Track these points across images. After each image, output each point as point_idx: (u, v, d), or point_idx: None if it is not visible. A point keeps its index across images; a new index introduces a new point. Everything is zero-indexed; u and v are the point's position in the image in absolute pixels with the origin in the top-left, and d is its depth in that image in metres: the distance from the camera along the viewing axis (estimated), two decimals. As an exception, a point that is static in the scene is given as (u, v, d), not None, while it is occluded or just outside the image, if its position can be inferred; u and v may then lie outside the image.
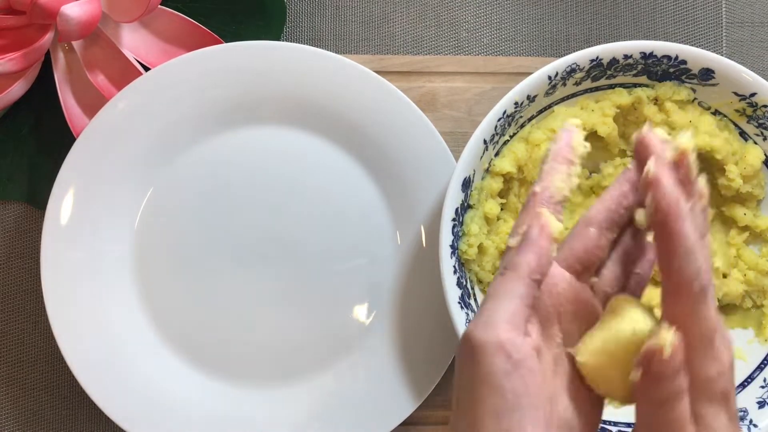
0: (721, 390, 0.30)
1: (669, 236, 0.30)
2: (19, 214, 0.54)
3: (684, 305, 0.30)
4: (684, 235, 0.29)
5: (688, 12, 0.56)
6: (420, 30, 0.55)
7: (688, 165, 0.31)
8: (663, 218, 0.29)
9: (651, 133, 0.31)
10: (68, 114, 0.51)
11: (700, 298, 0.30)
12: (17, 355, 0.53)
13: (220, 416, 0.50)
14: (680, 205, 0.29)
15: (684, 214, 0.29)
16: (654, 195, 0.30)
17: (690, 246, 0.29)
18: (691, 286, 0.30)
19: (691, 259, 0.29)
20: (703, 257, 0.30)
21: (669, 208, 0.29)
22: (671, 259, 0.30)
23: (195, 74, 0.50)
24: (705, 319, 0.30)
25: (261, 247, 0.52)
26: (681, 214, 0.29)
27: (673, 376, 0.29)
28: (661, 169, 0.30)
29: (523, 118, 0.48)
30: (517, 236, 0.33)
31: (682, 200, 0.30)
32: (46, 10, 0.46)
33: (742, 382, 0.49)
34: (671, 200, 0.29)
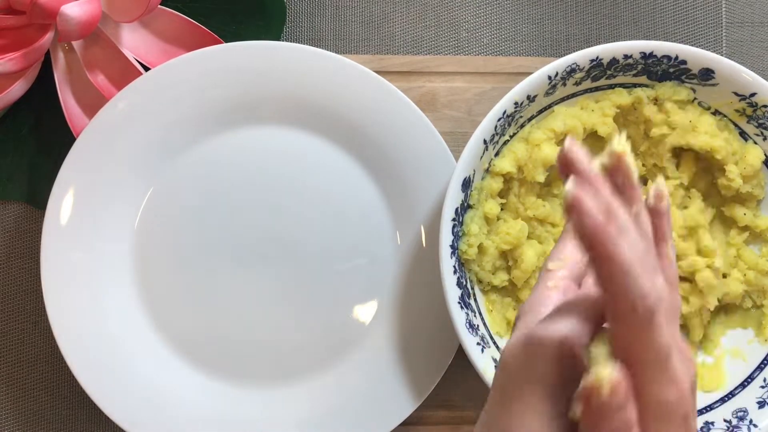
0: (680, 414, 0.29)
1: (601, 260, 0.28)
2: (19, 214, 0.54)
3: (629, 331, 0.28)
4: (618, 258, 0.27)
5: (688, 12, 0.56)
6: (420, 30, 0.55)
7: (625, 169, 0.30)
8: (590, 243, 0.28)
9: (573, 147, 0.29)
10: (68, 114, 0.51)
11: (645, 322, 0.28)
12: (17, 355, 0.53)
13: (220, 416, 0.50)
14: (607, 227, 0.27)
15: (612, 236, 0.27)
16: (575, 220, 0.27)
17: (626, 269, 0.27)
18: (633, 311, 0.28)
19: (630, 282, 0.27)
20: (647, 278, 0.28)
21: (594, 232, 0.27)
22: (609, 284, 0.28)
23: (195, 74, 0.50)
24: (654, 343, 0.28)
25: (261, 247, 0.52)
26: (609, 237, 0.27)
27: (617, 410, 0.28)
28: (579, 190, 0.28)
29: (523, 118, 0.48)
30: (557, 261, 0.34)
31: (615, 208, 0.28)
32: (46, 10, 0.46)
33: (742, 382, 0.49)
34: (595, 223, 0.27)
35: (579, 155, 0.29)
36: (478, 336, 0.46)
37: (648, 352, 0.28)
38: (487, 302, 0.49)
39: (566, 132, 0.49)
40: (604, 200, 0.28)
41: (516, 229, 0.48)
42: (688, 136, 0.49)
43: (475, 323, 0.47)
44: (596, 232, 0.27)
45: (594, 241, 0.27)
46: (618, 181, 0.30)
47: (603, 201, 0.28)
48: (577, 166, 0.29)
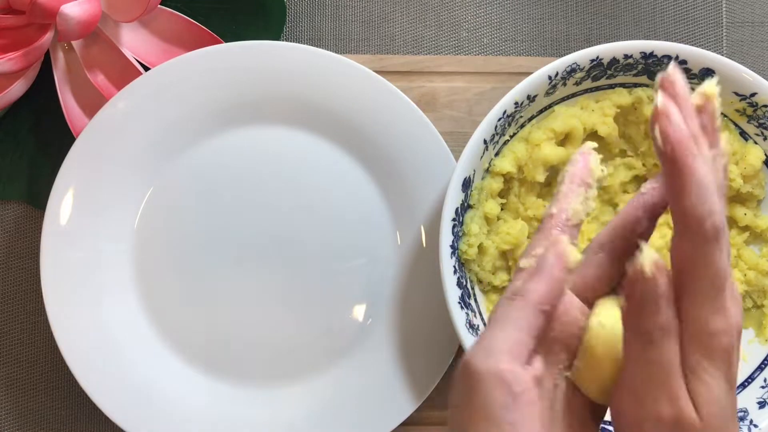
0: (724, 347, 0.28)
1: (679, 171, 0.27)
2: (18, 214, 0.54)
3: (694, 247, 0.28)
4: (696, 171, 0.27)
5: (689, 12, 0.56)
6: (420, 30, 0.55)
7: (711, 111, 0.30)
8: (672, 151, 0.27)
9: (677, 72, 0.29)
10: (68, 114, 0.51)
11: (713, 240, 0.28)
12: (17, 355, 0.53)
13: (220, 416, 0.50)
14: (691, 141, 0.27)
15: (694, 151, 0.27)
16: (660, 127, 0.28)
17: (703, 182, 0.27)
18: (702, 224, 0.28)
19: (704, 197, 0.27)
20: (718, 201, 0.28)
21: (678, 140, 0.27)
22: (682, 197, 0.28)
23: (195, 74, 0.50)
24: (716, 264, 0.28)
25: (261, 247, 0.52)
26: (691, 149, 0.27)
27: (658, 301, 0.28)
28: (668, 102, 0.28)
29: (524, 117, 0.48)
30: (530, 258, 0.32)
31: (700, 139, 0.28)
32: (46, 10, 0.46)
33: (743, 383, 0.49)
34: (680, 133, 0.27)
35: (680, 80, 0.29)
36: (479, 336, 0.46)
37: (707, 271, 0.28)
38: (487, 302, 0.49)
39: (567, 132, 0.49)
40: (693, 127, 0.29)
41: (516, 229, 0.48)
42: (688, 136, 0.48)
43: (475, 323, 0.47)
44: (680, 143, 0.27)
45: (677, 151, 0.27)
46: (703, 121, 0.30)
47: (692, 127, 0.28)
48: (677, 87, 0.29)
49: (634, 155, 0.51)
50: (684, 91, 0.29)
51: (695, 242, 0.28)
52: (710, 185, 0.28)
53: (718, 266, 0.28)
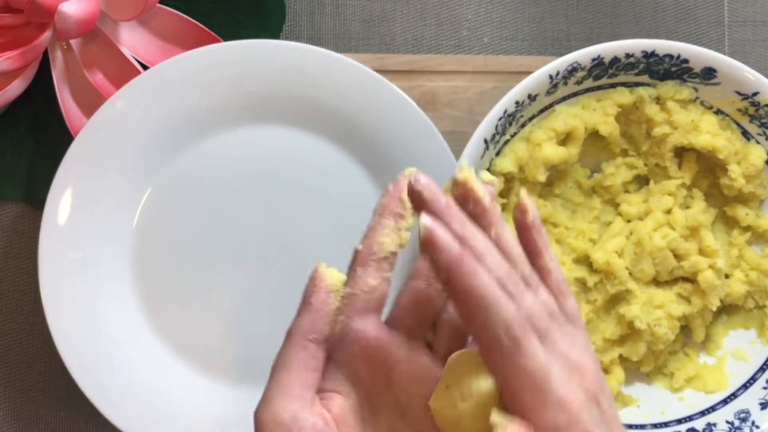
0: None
1: (458, 295, 0.27)
2: (16, 215, 0.53)
3: (500, 362, 0.28)
4: (476, 292, 0.27)
5: (690, 11, 0.55)
6: (420, 29, 0.55)
7: (474, 195, 0.29)
8: (447, 279, 0.27)
9: (420, 180, 0.29)
10: (66, 113, 0.51)
11: (514, 350, 0.27)
12: (15, 356, 0.53)
13: (220, 417, 0.50)
14: (462, 259, 0.27)
15: (468, 268, 0.27)
16: (431, 257, 0.27)
17: (486, 303, 0.27)
18: (499, 341, 0.27)
19: (491, 316, 0.27)
20: (509, 300, 0.27)
21: (449, 266, 0.27)
22: (470, 320, 0.27)
23: (194, 73, 0.50)
24: (527, 369, 0.27)
25: (260, 248, 0.51)
26: (466, 270, 0.27)
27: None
28: (433, 225, 0.27)
29: (524, 117, 0.48)
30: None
31: (476, 240, 0.28)
32: (44, 8, 0.46)
33: (745, 383, 0.49)
34: (450, 257, 0.27)
35: (428, 188, 0.29)
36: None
37: (522, 379, 0.27)
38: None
39: (568, 131, 0.48)
40: (458, 230, 0.28)
41: (517, 229, 0.48)
42: (690, 135, 0.48)
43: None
44: (451, 266, 0.27)
45: (451, 275, 0.27)
46: (470, 209, 0.30)
47: (457, 231, 0.28)
48: (427, 200, 0.29)
49: (635, 155, 0.51)
50: (437, 199, 0.29)
51: (499, 358, 0.27)
52: (495, 298, 0.27)
53: (532, 368, 0.27)
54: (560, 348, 0.29)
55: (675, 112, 0.49)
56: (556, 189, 0.51)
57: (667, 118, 0.49)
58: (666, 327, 0.47)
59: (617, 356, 0.49)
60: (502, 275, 0.28)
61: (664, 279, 0.49)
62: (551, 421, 0.28)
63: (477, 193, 0.30)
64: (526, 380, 0.28)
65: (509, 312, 0.27)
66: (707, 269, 0.48)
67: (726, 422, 0.47)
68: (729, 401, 0.48)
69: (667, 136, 0.49)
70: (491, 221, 0.30)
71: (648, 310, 0.48)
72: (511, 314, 0.27)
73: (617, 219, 0.50)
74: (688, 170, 0.50)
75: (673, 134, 0.49)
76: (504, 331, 0.27)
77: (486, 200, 0.30)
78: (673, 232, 0.48)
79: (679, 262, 0.48)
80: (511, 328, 0.27)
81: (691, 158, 0.50)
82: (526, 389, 0.28)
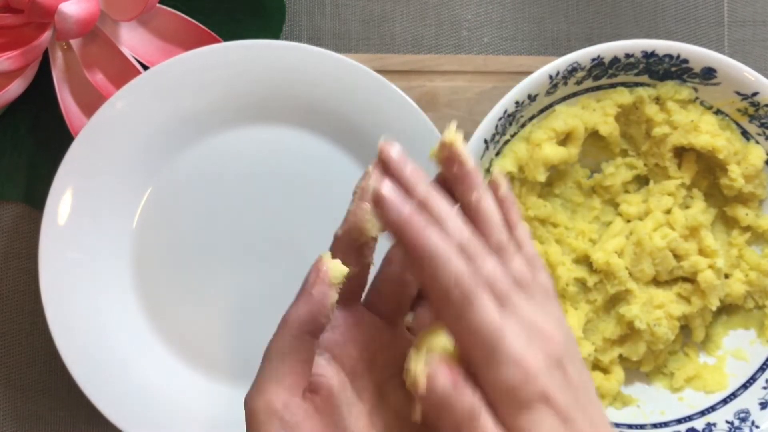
0: (535, 393, 0.27)
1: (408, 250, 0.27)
2: (16, 215, 0.53)
3: (450, 318, 0.27)
4: (423, 247, 0.27)
5: (690, 11, 0.55)
6: (420, 29, 0.55)
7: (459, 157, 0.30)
8: (396, 236, 0.28)
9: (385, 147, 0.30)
10: (66, 113, 0.51)
11: (465, 306, 0.27)
12: (15, 356, 0.53)
13: (220, 417, 0.50)
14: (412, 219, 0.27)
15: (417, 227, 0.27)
16: (382, 217, 0.28)
17: (431, 255, 0.27)
18: (448, 297, 0.27)
19: (438, 268, 0.27)
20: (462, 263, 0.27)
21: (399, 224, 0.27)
22: (418, 275, 0.28)
23: (194, 73, 0.50)
24: (478, 327, 0.27)
25: (260, 247, 0.51)
26: (413, 227, 0.27)
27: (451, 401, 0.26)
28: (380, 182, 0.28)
29: (524, 117, 0.48)
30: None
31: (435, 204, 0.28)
32: (44, 8, 0.46)
33: (744, 383, 0.49)
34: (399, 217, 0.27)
35: (392, 155, 0.30)
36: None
37: (474, 336, 0.27)
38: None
39: (568, 131, 0.48)
40: (421, 194, 0.29)
41: (517, 229, 0.48)
42: (689, 135, 0.48)
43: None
44: (400, 224, 0.27)
45: (400, 233, 0.27)
46: (454, 170, 0.30)
47: (419, 195, 0.29)
48: (393, 166, 0.30)
49: (635, 155, 0.51)
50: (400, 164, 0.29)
51: (450, 314, 0.27)
52: (443, 253, 0.27)
53: (483, 326, 0.27)
54: (522, 312, 0.28)
55: (675, 112, 0.49)
56: (556, 189, 0.51)
57: (666, 118, 0.49)
58: (666, 327, 0.47)
59: (617, 356, 0.49)
60: (462, 239, 0.28)
61: (664, 279, 0.49)
62: (503, 378, 0.27)
63: (462, 156, 0.30)
64: (477, 337, 0.27)
65: (459, 267, 0.27)
66: (707, 269, 0.48)
67: (726, 422, 0.47)
68: (729, 401, 0.48)
69: (667, 136, 0.49)
70: (473, 184, 0.30)
71: (648, 310, 0.48)
72: (461, 269, 0.27)
73: (617, 219, 0.50)
74: (687, 170, 0.50)
75: (673, 134, 0.49)
76: (454, 284, 0.27)
77: (470, 163, 0.30)
78: (673, 232, 0.48)
79: (679, 262, 0.48)
80: (461, 282, 0.27)
81: (690, 158, 0.50)
82: (478, 346, 0.27)
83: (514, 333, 0.27)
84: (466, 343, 0.27)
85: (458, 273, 0.27)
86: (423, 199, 0.29)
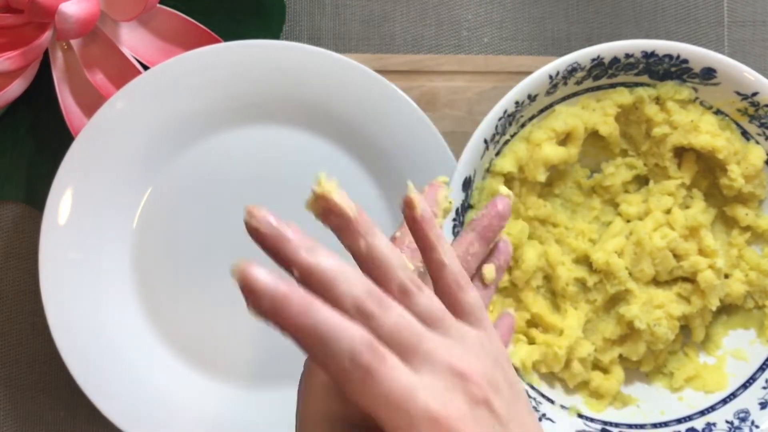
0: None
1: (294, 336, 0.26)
2: (17, 215, 0.53)
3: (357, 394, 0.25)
4: (309, 329, 0.25)
5: (690, 11, 0.55)
6: (420, 29, 0.55)
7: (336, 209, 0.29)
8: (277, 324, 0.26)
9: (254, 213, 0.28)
10: (67, 113, 0.51)
11: (368, 381, 0.25)
12: (15, 356, 0.53)
13: (220, 417, 0.50)
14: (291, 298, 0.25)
15: (299, 306, 0.25)
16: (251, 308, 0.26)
17: (324, 334, 0.25)
18: (348, 375, 0.25)
19: (331, 347, 0.25)
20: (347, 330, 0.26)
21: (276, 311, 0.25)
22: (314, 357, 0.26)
23: (194, 73, 0.50)
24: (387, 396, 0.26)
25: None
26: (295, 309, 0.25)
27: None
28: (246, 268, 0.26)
29: (524, 117, 0.48)
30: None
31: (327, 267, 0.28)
32: (45, 8, 0.46)
33: (744, 383, 0.49)
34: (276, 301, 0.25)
35: (265, 223, 0.28)
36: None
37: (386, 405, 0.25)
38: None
39: (568, 131, 0.48)
40: (302, 262, 0.27)
41: (517, 229, 0.48)
42: (689, 135, 0.48)
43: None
44: (277, 311, 0.25)
45: (278, 320, 0.25)
46: (334, 223, 0.29)
47: (302, 263, 0.27)
48: (266, 236, 0.28)
49: (635, 155, 0.51)
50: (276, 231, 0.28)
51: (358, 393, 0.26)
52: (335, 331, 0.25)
53: (389, 393, 0.25)
54: (437, 357, 0.27)
55: (675, 112, 0.49)
56: (556, 189, 0.51)
57: (666, 118, 0.49)
58: (666, 327, 0.47)
59: (617, 356, 0.49)
60: (357, 298, 0.27)
61: (663, 279, 0.49)
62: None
63: (339, 206, 0.29)
64: (389, 405, 0.25)
65: (353, 339, 0.25)
66: (707, 269, 0.48)
67: (725, 422, 0.47)
68: (728, 401, 0.48)
69: (667, 136, 0.49)
70: (359, 232, 0.29)
71: (648, 310, 0.48)
72: (355, 340, 0.25)
73: (617, 219, 0.50)
74: (687, 170, 0.50)
75: (673, 134, 0.49)
76: (350, 361, 0.25)
77: (350, 212, 0.29)
78: (673, 232, 0.48)
79: (679, 262, 0.48)
80: (358, 356, 0.25)
81: (690, 158, 0.50)
82: (392, 413, 0.25)
83: (427, 389, 0.26)
84: (379, 414, 0.26)
85: (352, 348, 0.25)
86: (306, 267, 0.27)
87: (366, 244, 0.29)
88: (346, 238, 0.29)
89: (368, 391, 0.25)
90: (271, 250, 0.28)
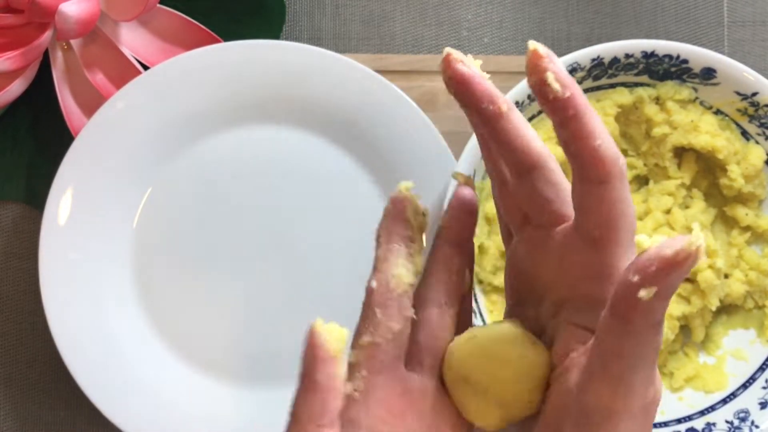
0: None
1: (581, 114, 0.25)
2: (16, 215, 0.53)
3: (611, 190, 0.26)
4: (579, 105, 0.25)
5: (690, 11, 0.55)
6: (420, 29, 0.55)
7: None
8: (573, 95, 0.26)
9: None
10: (67, 113, 0.51)
11: (624, 179, 0.26)
12: (15, 356, 0.53)
13: (221, 417, 0.50)
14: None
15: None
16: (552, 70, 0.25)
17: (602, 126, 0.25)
18: (616, 164, 0.26)
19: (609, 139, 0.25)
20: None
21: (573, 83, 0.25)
22: (591, 138, 0.26)
23: (194, 73, 0.50)
24: (627, 202, 0.26)
25: (260, 247, 0.51)
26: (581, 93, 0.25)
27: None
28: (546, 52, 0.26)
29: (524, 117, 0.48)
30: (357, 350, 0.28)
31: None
32: (45, 9, 0.46)
33: (744, 383, 0.49)
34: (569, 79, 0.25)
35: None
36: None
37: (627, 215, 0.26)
38: (488, 303, 0.49)
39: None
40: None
41: (517, 229, 0.48)
42: (689, 135, 0.48)
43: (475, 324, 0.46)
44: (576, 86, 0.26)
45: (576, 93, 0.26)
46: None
47: None
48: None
49: (635, 155, 0.51)
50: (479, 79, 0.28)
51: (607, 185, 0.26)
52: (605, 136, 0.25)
53: (629, 205, 0.26)
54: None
55: (674, 113, 0.49)
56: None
57: (666, 119, 0.49)
58: (665, 327, 0.47)
59: (617, 356, 0.49)
60: None
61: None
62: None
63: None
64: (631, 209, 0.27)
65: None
66: (706, 269, 0.48)
67: (725, 422, 0.47)
68: (728, 401, 0.48)
69: (667, 136, 0.49)
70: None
71: (648, 310, 0.48)
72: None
73: (617, 219, 0.50)
74: (687, 170, 0.50)
75: (673, 134, 0.49)
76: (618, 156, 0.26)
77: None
78: (673, 232, 0.48)
79: (679, 261, 0.48)
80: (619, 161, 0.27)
81: (690, 158, 0.50)
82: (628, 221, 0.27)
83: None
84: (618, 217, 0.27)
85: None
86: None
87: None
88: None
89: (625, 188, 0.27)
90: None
